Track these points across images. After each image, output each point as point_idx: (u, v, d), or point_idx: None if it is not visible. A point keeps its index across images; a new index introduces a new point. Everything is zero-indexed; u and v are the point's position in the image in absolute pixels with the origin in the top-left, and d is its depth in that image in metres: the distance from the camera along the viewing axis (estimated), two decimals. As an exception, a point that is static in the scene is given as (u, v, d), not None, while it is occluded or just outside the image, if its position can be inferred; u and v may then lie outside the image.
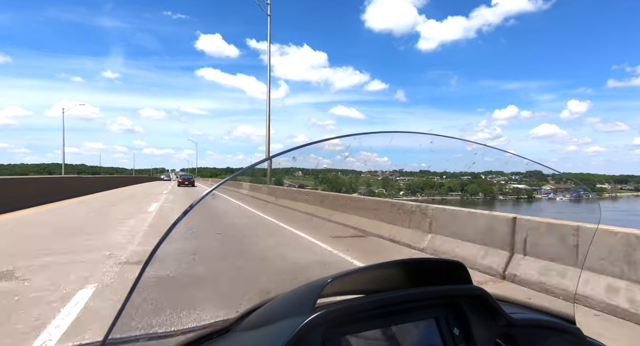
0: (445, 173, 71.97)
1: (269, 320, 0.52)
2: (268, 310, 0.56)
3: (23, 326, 1.89)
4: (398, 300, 0.55)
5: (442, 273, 0.64)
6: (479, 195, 52.88)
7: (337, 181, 74.63)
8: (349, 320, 0.51)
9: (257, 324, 0.54)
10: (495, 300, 0.60)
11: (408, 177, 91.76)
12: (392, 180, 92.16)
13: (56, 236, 4.75)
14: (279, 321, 0.50)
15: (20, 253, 3.65)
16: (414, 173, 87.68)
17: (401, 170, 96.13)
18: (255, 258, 3.97)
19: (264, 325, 0.52)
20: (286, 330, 0.46)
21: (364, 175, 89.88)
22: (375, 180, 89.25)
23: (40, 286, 2.56)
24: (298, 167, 0.92)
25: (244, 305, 0.53)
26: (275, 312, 0.54)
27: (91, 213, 7.69)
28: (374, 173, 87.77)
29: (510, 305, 0.74)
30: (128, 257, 3.60)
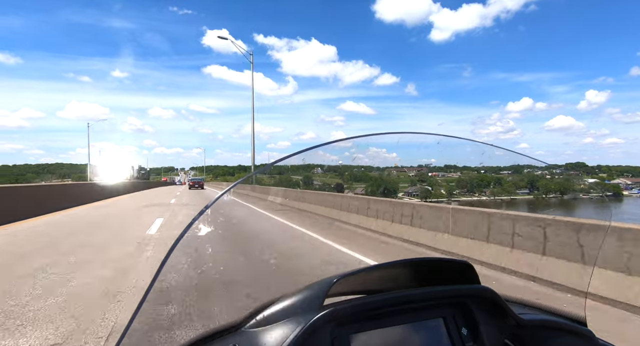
0: (483, 167, 67.63)
1: (277, 318, 0.60)
2: (276, 308, 0.64)
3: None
4: (406, 299, 0.63)
5: (449, 272, 0.71)
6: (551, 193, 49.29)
7: (378, 179, 71.99)
8: (357, 318, 0.59)
9: (266, 322, 0.62)
10: (503, 300, 0.66)
11: (442, 173, 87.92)
12: (430, 177, 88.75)
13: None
14: (287, 319, 0.58)
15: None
16: (446, 167, 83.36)
17: (428, 165, 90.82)
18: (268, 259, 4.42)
19: (272, 323, 0.60)
20: (294, 328, 0.53)
21: (387, 172, 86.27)
22: (407, 177, 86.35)
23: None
24: (312, 163, 0.96)
25: (253, 303, 0.63)
26: (284, 310, 0.61)
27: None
28: (400, 169, 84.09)
29: (519, 306, 0.80)
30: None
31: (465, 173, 79.30)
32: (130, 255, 4.57)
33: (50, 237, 5.95)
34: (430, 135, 0.64)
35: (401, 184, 65.39)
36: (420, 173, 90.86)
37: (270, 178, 17.68)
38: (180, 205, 13.12)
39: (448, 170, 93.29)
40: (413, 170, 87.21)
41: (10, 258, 4.37)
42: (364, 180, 42.05)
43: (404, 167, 65.00)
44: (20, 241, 5.71)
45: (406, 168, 76.69)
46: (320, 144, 0.69)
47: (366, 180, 43.23)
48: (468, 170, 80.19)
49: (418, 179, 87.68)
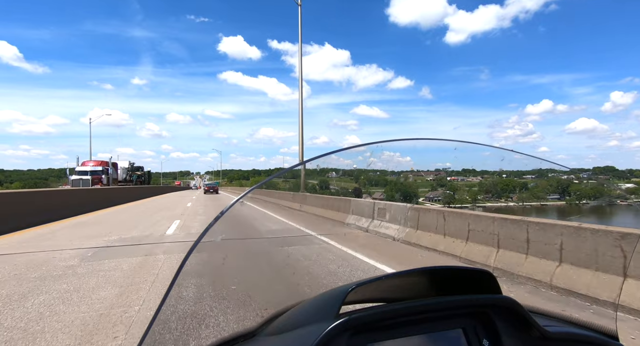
0: (505, 172, 65.26)
1: (293, 326, 0.61)
2: (292, 316, 0.65)
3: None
4: (424, 308, 0.62)
5: (469, 282, 0.71)
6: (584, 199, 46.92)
7: (398, 183, 71.33)
8: (373, 327, 0.59)
9: (282, 329, 0.63)
10: (527, 311, 0.65)
11: (461, 177, 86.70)
12: (449, 182, 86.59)
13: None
14: (302, 327, 0.59)
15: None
16: (464, 171, 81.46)
17: (446, 169, 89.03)
18: (282, 264, 4.51)
19: (288, 331, 0.61)
20: (310, 336, 0.53)
21: (403, 176, 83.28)
22: (424, 181, 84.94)
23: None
24: (326, 167, 0.98)
25: (268, 310, 0.64)
26: (299, 318, 0.62)
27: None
28: (417, 173, 79.62)
29: (544, 317, 0.78)
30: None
31: (487, 177, 76.94)
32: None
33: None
34: (442, 140, 0.64)
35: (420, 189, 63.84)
36: (439, 177, 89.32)
37: (286, 183, 17.70)
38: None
39: (467, 174, 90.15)
40: (430, 174, 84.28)
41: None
42: (381, 184, 41.52)
43: (420, 171, 61.81)
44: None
45: (423, 172, 71.91)
46: (338, 150, 0.71)
47: (383, 184, 42.68)
48: (488, 175, 76.39)
49: (437, 183, 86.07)
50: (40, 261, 4.39)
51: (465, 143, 0.64)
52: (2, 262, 4.38)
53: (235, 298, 2.98)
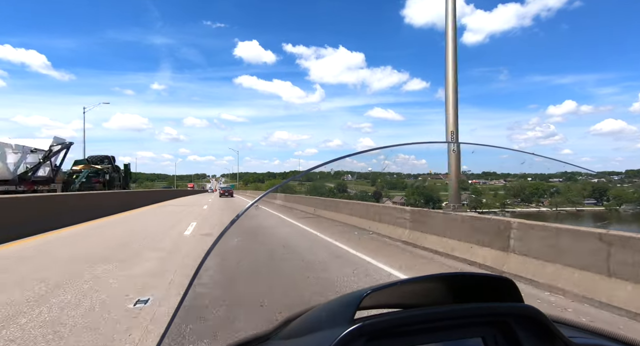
0: (529, 175, 62.49)
1: (307, 330, 0.62)
2: (306, 320, 0.66)
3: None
4: (442, 315, 0.62)
5: (488, 289, 0.69)
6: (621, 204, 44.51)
7: (420, 186, 69.72)
8: (389, 334, 0.59)
9: (296, 333, 0.64)
10: (551, 321, 0.63)
11: (482, 180, 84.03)
12: (471, 185, 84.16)
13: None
14: (317, 331, 0.59)
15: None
16: (484, 174, 78.84)
17: (465, 172, 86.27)
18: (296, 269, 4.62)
19: (302, 335, 0.61)
20: (324, 341, 0.54)
21: (421, 179, 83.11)
22: (444, 184, 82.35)
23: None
24: (341, 170, 0.98)
25: (282, 313, 0.65)
26: (314, 323, 0.63)
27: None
28: (436, 175, 79.20)
29: (570, 328, 0.75)
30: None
31: (512, 181, 74.15)
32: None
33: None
34: (459, 144, 0.64)
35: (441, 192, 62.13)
36: (460, 181, 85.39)
37: (301, 186, 17.69)
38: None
39: (488, 177, 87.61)
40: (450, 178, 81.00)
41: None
42: (399, 187, 40.58)
43: (438, 173, 61.08)
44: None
45: (442, 175, 70.45)
46: (353, 153, 0.72)
47: (401, 187, 41.66)
48: (511, 177, 73.04)
49: (459, 187, 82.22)
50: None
51: (483, 146, 0.64)
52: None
53: (250, 301, 3.07)
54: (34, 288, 3.55)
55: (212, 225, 9.54)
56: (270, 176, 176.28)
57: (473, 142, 0.66)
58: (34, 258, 4.98)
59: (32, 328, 2.58)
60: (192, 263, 4.66)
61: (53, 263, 4.67)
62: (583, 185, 51.10)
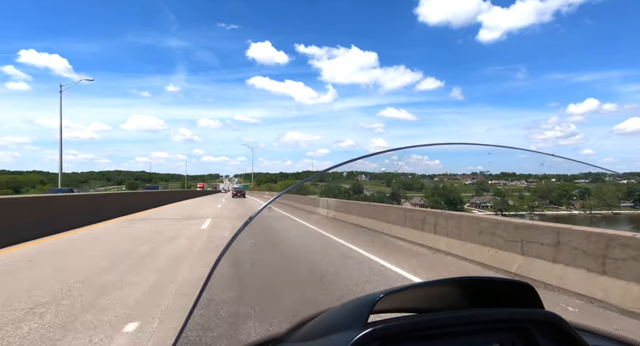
0: (552, 175, 59.53)
1: (320, 333, 0.63)
2: (320, 323, 0.67)
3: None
4: (458, 320, 0.62)
5: (506, 294, 0.69)
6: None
7: (439, 188, 68.47)
8: (403, 338, 0.59)
9: (309, 336, 0.65)
10: (573, 328, 0.62)
11: (502, 181, 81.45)
12: (492, 186, 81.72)
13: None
14: (331, 334, 0.60)
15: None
16: (503, 175, 76.28)
17: (483, 173, 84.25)
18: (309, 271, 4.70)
19: (315, 338, 0.63)
20: (338, 344, 0.55)
21: (437, 180, 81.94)
22: (462, 185, 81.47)
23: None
24: (355, 170, 1.02)
25: (296, 316, 0.67)
26: (327, 325, 0.64)
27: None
28: (453, 176, 78.61)
29: (593, 336, 0.74)
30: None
31: (535, 182, 71.86)
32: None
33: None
34: (474, 145, 0.64)
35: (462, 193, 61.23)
36: (479, 181, 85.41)
37: (314, 186, 17.64)
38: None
39: (507, 177, 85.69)
40: (467, 178, 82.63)
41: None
42: (415, 188, 39.96)
43: (455, 174, 59.67)
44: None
45: (459, 176, 70.49)
46: (366, 155, 0.73)
47: (417, 188, 40.96)
48: (532, 178, 71.14)
49: (479, 188, 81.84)
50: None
51: (500, 147, 0.64)
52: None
53: (263, 303, 3.15)
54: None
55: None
56: (283, 176, 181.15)
57: (491, 144, 0.66)
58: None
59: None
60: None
61: None
62: (616, 187, 49.07)
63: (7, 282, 4.10)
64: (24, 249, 6.16)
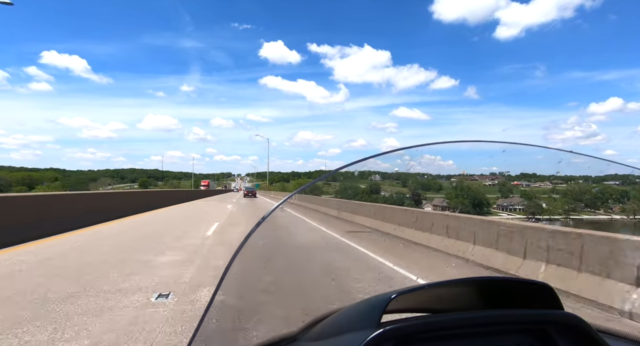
0: (580, 177, 56.73)
1: (333, 332, 0.65)
2: (333, 322, 0.69)
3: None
4: (474, 321, 0.63)
5: (522, 296, 0.69)
6: None
7: (465, 189, 66.58)
8: (416, 339, 0.61)
9: (322, 335, 0.67)
10: (596, 331, 0.62)
11: (525, 182, 78.44)
12: (514, 187, 78.95)
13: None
14: (343, 334, 0.62)
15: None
16: (523, 175, 73.47)
17: (502, 173, 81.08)
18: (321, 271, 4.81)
19: (328, 337, 0.65)
20: (351, 344, 0.57)
21: (453, 180, 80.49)
22: (481, 186, 79.23)
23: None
24: (368, 170, 1.02)
25: (309, 315, 0.69)
26: (340, 325, 0.66)
27: None
28: (471, 177, 76.62)
29: (616, 339, 0.73)
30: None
31: (570, 184, 69.08)
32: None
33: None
34: (489, 142, 0.65)
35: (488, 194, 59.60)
36: (501, 182, 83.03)
37: (328, 186, 17.57)
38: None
39: (529, 178, 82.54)
40: (486, 179, 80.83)
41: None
42: (433, 189, 39.29)
43: (471, 174, 58.38)
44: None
45: (477, 176, 69.25)
46: (377, 154, 0.75)
47: (435, 188, 40.20)
48: (556, 179, 68.78)
49: (503, 189, 79.32)
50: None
51: (516, 144, 0.65)
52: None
53: (276, 303, 3.24)
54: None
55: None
56: (295, 175, 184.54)
57: (505, 141, 0.67)
58: None
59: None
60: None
61: None
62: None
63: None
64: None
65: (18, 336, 2.64)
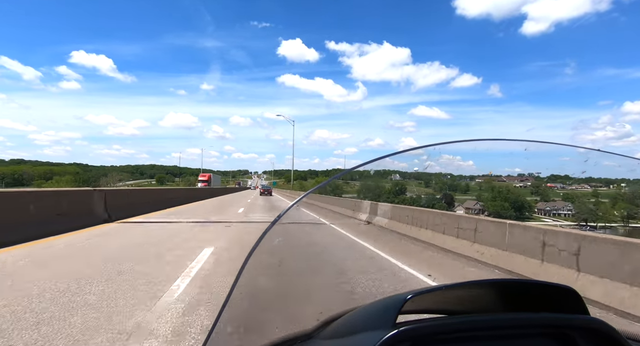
0: (623, 180, 52.53)
1: (348, 331, 0.67)
2: (348, 321, 0.71)
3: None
4: (495, 324, 0.63)
5: (544, 299, 0.69)
6: None
7: (503, 190, 64.23)
8: (432, 340, 0.61)
9: (337, 334, 0.69)
10: (624, 338, 0.62)
11: (559, 184, 74.22)
12: (549, 189, 75.00)
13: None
14: (358, 333, 0.64)
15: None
16: (553, 177, 69.64)
17: (532, 174, 76.52)
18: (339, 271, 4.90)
19: (343, 336, 0.67)
20: (366, 344, 0.58)
21: (479, 181, 77.38)
22: (512, 187, 76.45)
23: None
24: (386, 169, 1.00)
25: (324, 314, 0.72)
26: (355, 324, 0.68)
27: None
28: (498, 178, 73.73)
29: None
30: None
31: (619, 186, 64.91)
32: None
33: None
34: (512, 141, 0.65)
35: (528, 197, 57.41)
36: (535, 184, 79.96)
37: (347, 185, 17.26)
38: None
39: (562, 180, 77.09)
40: (514, 180, 78.36)
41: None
42: (460, 189, 38.35)
43: (498, 175, 57.03)
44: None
45: (504, 177, 67.33)
46: (394, 153, 0.77)
47: (462, 189, 39.24)
48: (595, 182, 66.40)
49: (538, 192, 76.13)
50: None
51: (537, 143, 0.65)
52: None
53: (291, 300, 3.43)
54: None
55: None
56: (313, 174, 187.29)
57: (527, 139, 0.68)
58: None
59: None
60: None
61: None
62: None
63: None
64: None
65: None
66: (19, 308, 3.13)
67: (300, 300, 3.52)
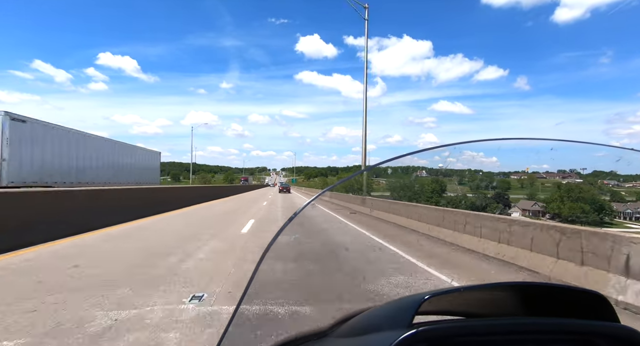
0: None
1: (364, 330, 0.71)
2: (363, 320, 0.76)
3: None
4: (517, 328, 0.66)
5: (569, 304, 0.72)
6: None
7: (575, 189, 61.25)
8: (449, 342, 0.63)
9: (353, 333, 0.73)
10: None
11: (614, 182, 68.94)
12: (605, 186, 70.25)
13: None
14: (374, 332, 0.68)
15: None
16: (601, 174, 65.22)
17: (573, 170, 72.37)
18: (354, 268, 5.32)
19: (359, 335, 0.71)
20: (382, 343, 0.61)
21: (517, 177, 76.27)
22: (560, 184, 72.79)
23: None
24: (399, 165, 1.03)
25: (339, 312, 0.78)
26: (371, 323, 0.72)
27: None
28: (539, 175, 71.67)
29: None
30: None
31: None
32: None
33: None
34: (536, 140, 0.68)
35: (602, 197, 54.58)
36: (591, 181, 76.15)
37: (377, 179, 16.57)
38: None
39: (604, 176, 73.80)
40: (554, 176, 76.74)
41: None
42: (501, 187, 36.82)
43: (536, 172, 55.70)
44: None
45: (543, 174, 65.51)
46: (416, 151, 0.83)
47: (503, 187, 37.51)
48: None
49: (602, 191, 70.87)
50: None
51: (569, 142, 0.67)
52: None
53: (307, 297, 3.69)
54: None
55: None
56: (332, 170, 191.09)
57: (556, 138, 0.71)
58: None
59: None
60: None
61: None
62: None
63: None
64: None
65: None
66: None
67: (317, 297, 3.78)
